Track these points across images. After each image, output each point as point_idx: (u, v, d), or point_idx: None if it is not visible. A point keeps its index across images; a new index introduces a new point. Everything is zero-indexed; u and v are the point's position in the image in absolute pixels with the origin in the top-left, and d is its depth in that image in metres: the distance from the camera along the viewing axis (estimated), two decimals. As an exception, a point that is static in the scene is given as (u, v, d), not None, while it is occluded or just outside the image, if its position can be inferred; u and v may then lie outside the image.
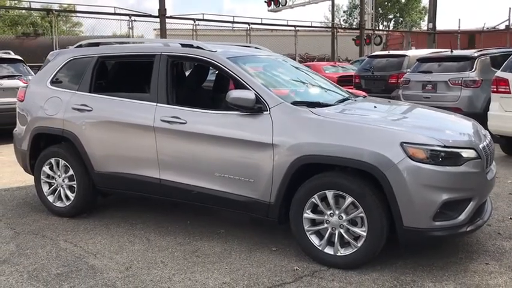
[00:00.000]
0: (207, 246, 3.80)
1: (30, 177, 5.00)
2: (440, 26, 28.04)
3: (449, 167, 3.12)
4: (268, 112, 3.54)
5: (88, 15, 17.15)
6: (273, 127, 3.48)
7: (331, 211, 3.33)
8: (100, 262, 3.53)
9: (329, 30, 25.45)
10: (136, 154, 4.10)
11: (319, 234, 3.43)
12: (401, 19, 49.73)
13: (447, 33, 25.70)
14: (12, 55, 9.67)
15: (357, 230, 3.26)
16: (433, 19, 24.55)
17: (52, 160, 4.53)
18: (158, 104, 3.99)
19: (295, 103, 3.62)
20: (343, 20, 50.92)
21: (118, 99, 4.24)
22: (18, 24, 27.14)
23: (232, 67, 3.84)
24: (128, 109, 4.14)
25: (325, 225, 3.37)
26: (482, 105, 8.37)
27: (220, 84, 5.06)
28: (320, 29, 26.95)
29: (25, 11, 22.23)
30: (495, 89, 6.72)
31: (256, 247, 3.75)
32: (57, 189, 4.56)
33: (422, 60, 9.92)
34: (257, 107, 3.54)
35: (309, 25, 23.96)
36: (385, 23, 50.84)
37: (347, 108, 3.91)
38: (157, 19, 16.59)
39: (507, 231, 4.03)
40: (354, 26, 37.39)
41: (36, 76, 5.07)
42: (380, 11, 47.31)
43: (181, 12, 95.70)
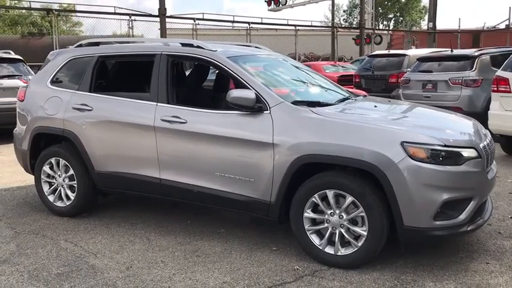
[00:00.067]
0: (208, 245, 3.80)
1: (30, 177, 5.00)
2: (440, 26, 28.11)
3: (449, 167, 3.12)
4: (268, 111, 3.53)
5: (88, 14, 17.17)
6: (274, 126, 3.47)
7: (331, 210, 3.33)
8: (100, 262, 3.53)
9: (329, 29, 25.45)
10: (136, 154, 4.10)
11: (319, 233, 3.42)
12: (401, 18, 49.72)
13: (447, 32, 25.70)
14: (12, 55, 9.63)
15: (358, 230, 3.26)
16: (433, 18, 24.58)
17: (52, 160, 4.53)
18: (158, 104, 3.99)
19: (295, 102, 3.62)
20: (343, 20, 50.96)
21: (118, 98, 4.24)
22: (18, 24, 27.14)
23: (232, 66, 3.83)
24: (128, 109, 4.14)
25: (325, 224, 3.37)
26: (482, 104, 8.38)
27: (220, 83, 5.06)
28: (320, 29, 26.96)
29: (25, 11, 22.23)
30: (495, 88, 6.72)
31: (256, 247, 3.75)
32: (57, 188, 4.56)
33: (422, 59, 9.91)
34: (257, 107, 3.54)
35: (309, 24, 23.98)
36: (385, 23, 50.86)
37: (347, 107, 3.90)
38: (157, 18, 16.59)
39: (507, 230, 4.03)
40: (354, 26, 37.38)
41: (36, 76, 5.07)
42: (380, 11, 47.30)
43: (181, 11, 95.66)
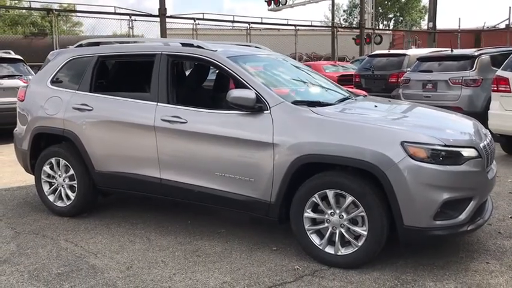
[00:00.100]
0: (208, 245, 3.80)
1: (30, 177, 5.00)
2: (440, 25, 28.09)
3: (450, 166, 3.12)
4: (268, 111, 3.53)
5: (88, 14, 17.15)
6: (274, 126, 3.47)
7: (331, 210, 3.33)
8: (101, 262, 3.52)
9: (329, 29, 25.45)
10: (136, 154, 4.10)
11: (319, 233, 3.42)
12: (401, 18, 49.71)
13: (447, 32, 25.69)
14: (12, 55, 9.62)
15: (358, 229, 3.26)
16: (433, 18, 24.57)
17: (52, 160, 4.53)
18: (159, 104, 3.99)
19: (295, 102, 3.62)
20: (343, 19, 50.96)
21: (118, 98, 4.24)
22: (18, 24, 27.13)
23: (232, 66, 3.83)
24: (129, 109, 4.14)
25: (325, 224, 3.37)
26: (482, 104, 8.38)
27: (220, 83, 5.06)
28: (320, 28, 26.96)
29: (25, 11, 22.22)
30: (495, 88, 6.72)
31: (256, 246, 3.75)
32: (57, 188, 4.56)
33: (422, 59, 9.91)
34: (257, 106, 3.54)
35: (309, 24, 23.98)
36: (385, 22, 50.86)
37: (347, 107, 3.90)
38: (157, 18, 16.58)
39: (508, 230, 4.03)
40: (354, 25, 37.38)
41: (36, 76, 5.07)
42: (380, 10, 47.29)
43: (181, 11, 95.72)
